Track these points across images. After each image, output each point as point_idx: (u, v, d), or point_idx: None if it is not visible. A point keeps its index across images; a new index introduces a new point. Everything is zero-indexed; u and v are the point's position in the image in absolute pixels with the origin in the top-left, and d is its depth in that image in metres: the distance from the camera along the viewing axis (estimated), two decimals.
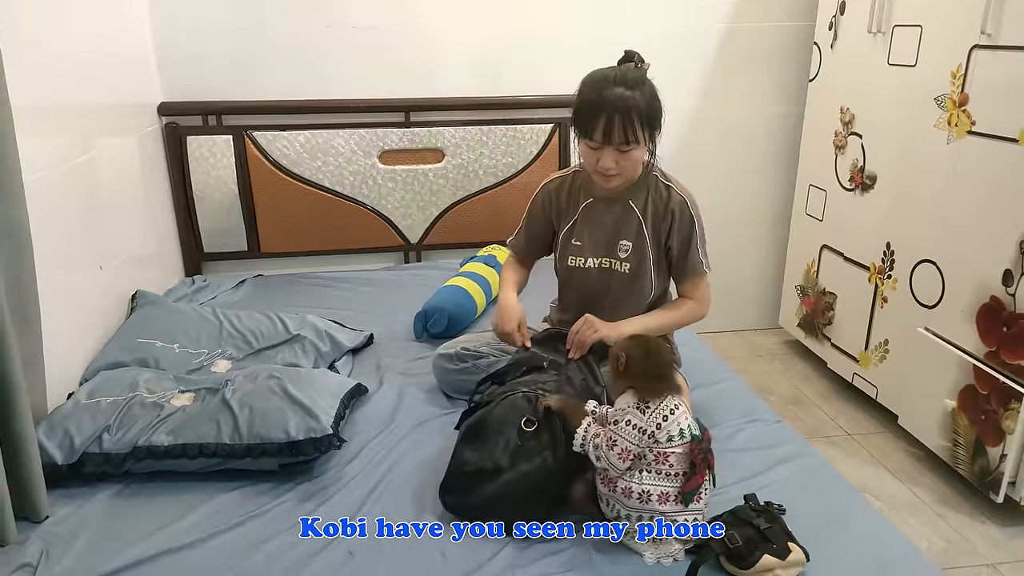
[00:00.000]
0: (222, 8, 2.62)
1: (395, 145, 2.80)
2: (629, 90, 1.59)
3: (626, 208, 1.77)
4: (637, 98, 1.59)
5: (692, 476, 1.32)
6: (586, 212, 1.80)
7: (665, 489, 1.32)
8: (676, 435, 1.33)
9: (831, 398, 2.81)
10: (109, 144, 2.22)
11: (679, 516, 1.33)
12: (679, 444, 1.33)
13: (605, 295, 1.82)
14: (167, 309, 2.22)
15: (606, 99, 1.59)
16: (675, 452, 1.33)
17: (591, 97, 1.62)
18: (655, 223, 1.76)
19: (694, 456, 1.33)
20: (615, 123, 1.59)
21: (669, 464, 1.33)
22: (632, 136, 1.60)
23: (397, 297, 2.60)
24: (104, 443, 1.56)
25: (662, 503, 1.32)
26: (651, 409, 1.34)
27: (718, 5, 2.94)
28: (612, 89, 1.59)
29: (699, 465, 1.32)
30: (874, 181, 2.55)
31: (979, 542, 2.03)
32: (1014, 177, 1.96)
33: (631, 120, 1.59)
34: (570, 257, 1.82)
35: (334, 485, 1.58)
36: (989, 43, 2.03)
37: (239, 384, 1.73)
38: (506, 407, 1.48)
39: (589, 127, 1.62)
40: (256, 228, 2.82)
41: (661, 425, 1.33)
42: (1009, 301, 2.00)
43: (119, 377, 1.77)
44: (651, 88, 1.64)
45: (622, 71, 1.63)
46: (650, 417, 1.33)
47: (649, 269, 1.78)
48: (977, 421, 2.11)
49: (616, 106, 1.58)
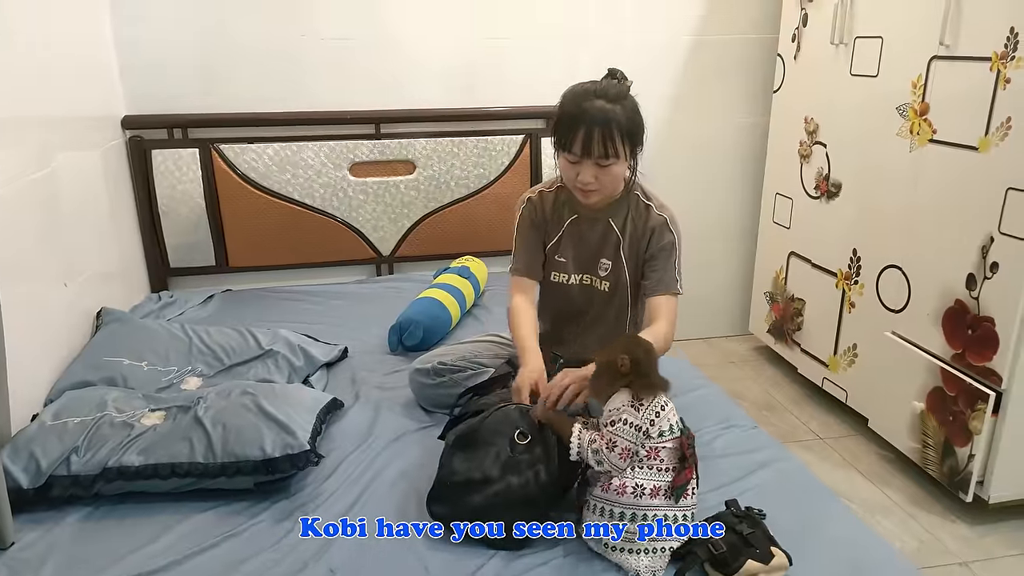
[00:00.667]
0: (187, 18, 2.59)
1: (366, 157, 2.79)
2: (610, 103, 1.58)
3: (607, 226, 1.76)
4: (618, 112, 1.58)
5: (682, 470, 1.35)
6: (571, 229, 1.79)
7: (657, 483, 1.34)
8: (667, 430, 1.36)
9: (802, 403, 2.85)
10: (71, 158, 2.16)
11: (675, 513, 1.34)
12: (670, 439, 1.36)
13: (585, 311, 1.82)
14: (134, 326, 2.17)
15: (586, 111, 1.57)
16: (666, 447, 1.35)
17: (571, 109, 1.60)
18: (632, 242, 1.75)
19: (684, 449, 1.35)
20: (595, 136, 1.57)
21: (660, 459, 1.35)
22: (612, 150, 1.59)
23: (370, 310, 2.57)
24: (72, 465, 1.51)
25: (654, 496, 1.33)
26: (645, 406, 1.36)
27: (684, 18, 2.99)
28: (592, 101, 1.58)
29: (689, 459, 1.35)
30: (839, 189, 2.60)
31: (950, 541, 2.07)
32: (975, 184, 2.02)
33: (611, 133, 1.57)
34: (553, 273, 1.81)
35: (312, 502, 1.55)
36: (948, 54, 2.09)
37: (212, 401, 1.69)
38: (499, 418, 1.47)
39: (568, 140, 1.60)
40: (224, 242, 2.77)
41: (654, 421, 1.35)
42: (973, 304, 2.05)
43: (86, 397, 1.72)
44: (632, 103, 1.63)
45: (603, 85, 1.62)
46: (644, 414, 1.35)
47: (625, 287, 1.77)
48: (945, 422, 2.16)
49: (596, 119, 1.57)
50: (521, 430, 1.46)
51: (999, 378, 1.99)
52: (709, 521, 1.38)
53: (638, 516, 1.33)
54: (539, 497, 1.41)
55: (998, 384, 2.00)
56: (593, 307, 1.81)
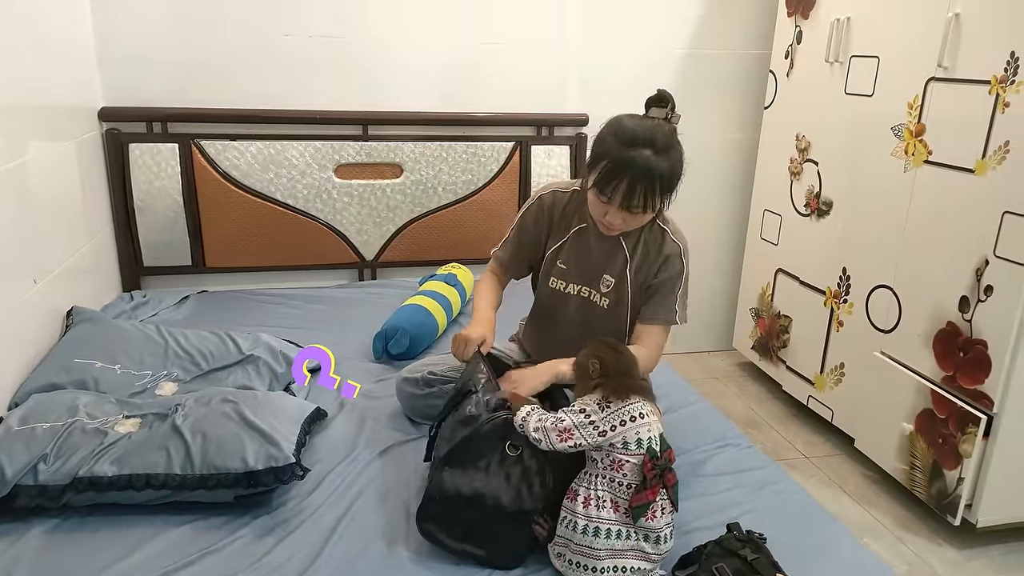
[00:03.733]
0: (171, 8, 2.50)
1: (352, 159, 2.72)
2: (657, 155, 1.47)
3: (615, 243, 1.69)
4: (664, 167, 1.48)
5: (642, 490, 1.29)
6: (576, 236, 1.73)
7: (615, 498, 1.31)
8: (632, 443, 1.31)
9: (786, 421, 2.84)
10: (43, 149, 2.07)
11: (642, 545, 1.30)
12: (633, 454, 1.31)
13: (581, 326, 1.75)
14: (106, 327, 2.07)
15: (632, 163, 1.47)
16: (629, 461, 1.31)
17: (616, 155, 1.49)
18: (642, 265, 1.69)
19: (646, 470, 1.30)
20: (636, 191, 1.48)
21: (623, 473, 1.31)
22: (650, 205, 1.51)
23: (352, 316, 2.50)
24: (40, 474, 1.42)
25: (615, 511, 1.30)
26: (611, 409, 1.33)
27: (677, 31, 2.97)
28: (640, 152, 1.47)
29: (650, 480, 1.29)
30: (830, 207, 2.59)
31: (938, 565, 2.05)
32: (971, 206, 2.02)
33: (652, 190, 1.48)
34: (552, 279, 1.76)
35: (296, 518, 1.48)
36: (946, 76, 2.09)
37: (190, 408, 1.61)
38: (487, 432, 1.42)
39: (608, 188, 1.50)
40: (201, 241, 2.68)
41: (616, 427, 1.31)
42: (966, 327, 2.05)
43: (56, 400, 1.63)
44: (679, 152, 1.53)
45: (654, 129, 1.50)
46: (607, 416, 1.32)
47: (626, 308, 1.72)
48: (935, 444, 2.15)
49: (641, 174, 1.47)
50: (511, 442, 1.42)
51: (990, 401, 1.98)
52: (707, 549, 1.34)
53: (590, 530, 1.28)
54: (532, 510, 1.37)
55: (989, 407, 1.99)
56: (590, 324, 1.74)
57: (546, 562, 1.37)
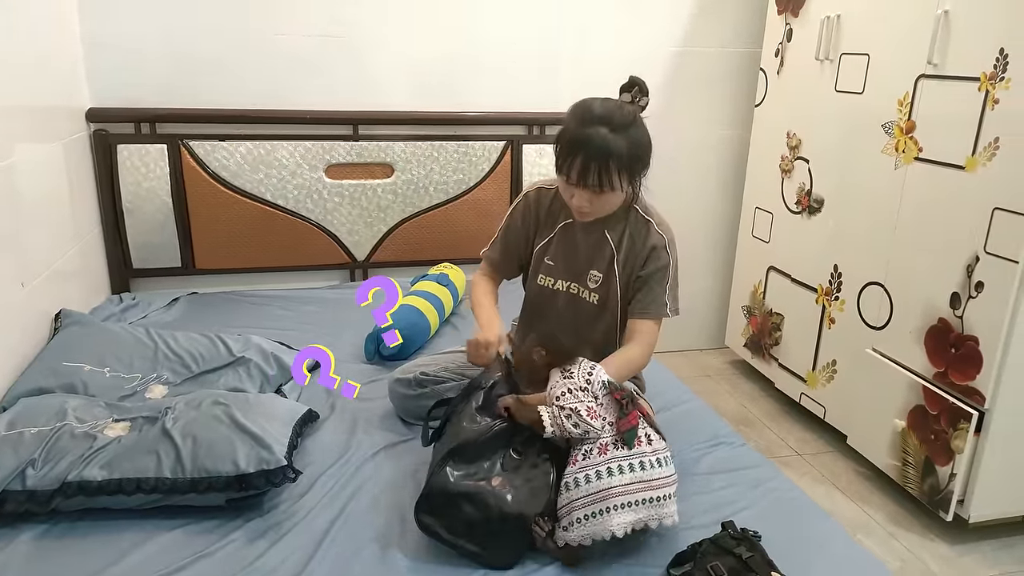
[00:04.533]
0: (159, 7, 2.48)
1: (342, 159, 2.70)
2: (613, 132, 1.49)
3: (601, 237, 1.69)
4: (620, 143, 1.49)
5: (624, 417, 1.39)
6: (563, 232, 1.73)
7: (603, 440, 1.38)
8: (600, 389, 1.42)
9: (779, 418, 2.84)
10: (30, 151, 2.04)
11: (641, 459, 1.37)
12: (604, 396, 1.42)
13: (570, 323, 1.74)
14: (95, 329, 2.05)
15: (587, 139, 1.49)
16: (602, 404, 1.41)
17: (572, 132, 1.51)
18: (628, 257, 1.69)
19: (615, 395, 1.41)
20: (591, 167, 1.49)
21: (601, 416, 1.39)
22: (607, 182, 1.52)
23: (343, 317, 2.49)
24: (28, 479, 1.40)
25: (603, 452, 1.37)
26: (574, 371, 1.45)
27: (668, 29, 2.97)
28: (595, 128, 1.49)
29: (626, 406, 1.40)
30: (821, 204, 2.60)
31: (931, 560, 2.06)
32: (961, 203, 2.02)
33: (607, 166, 1.49)
34: (541, 275, 1.75)
35: (288, 520, 1.46)
36: (935, 73, 2.10)
37: (181, 412, 1.60)
38: (493, 436, 1.41)
39: (566, 165, 1.53)
40: (191, 243, 2.66)
41: (590, 379, 1.42)
42: (957, 323, 2.05)
43: (44, 404, 1.61)
44: (639, 131, 1.53)
45: (612, 108, 1.51)
46: (578, 375, 1.44)
47: (616, 303, 1.71)
48: (927, 440, 2.15)
49: (595, 149, 1.48)
50: (515, 447, 1.43)
51: (982, 397, 1.99)
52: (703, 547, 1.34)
53: (592, 476, 1.34)
54: (531, 513, 1.36)
55: (981, 403, 2.00)
56: (577, 319, 1.74)
57: (542, 563, 1.36)
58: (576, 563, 1.36)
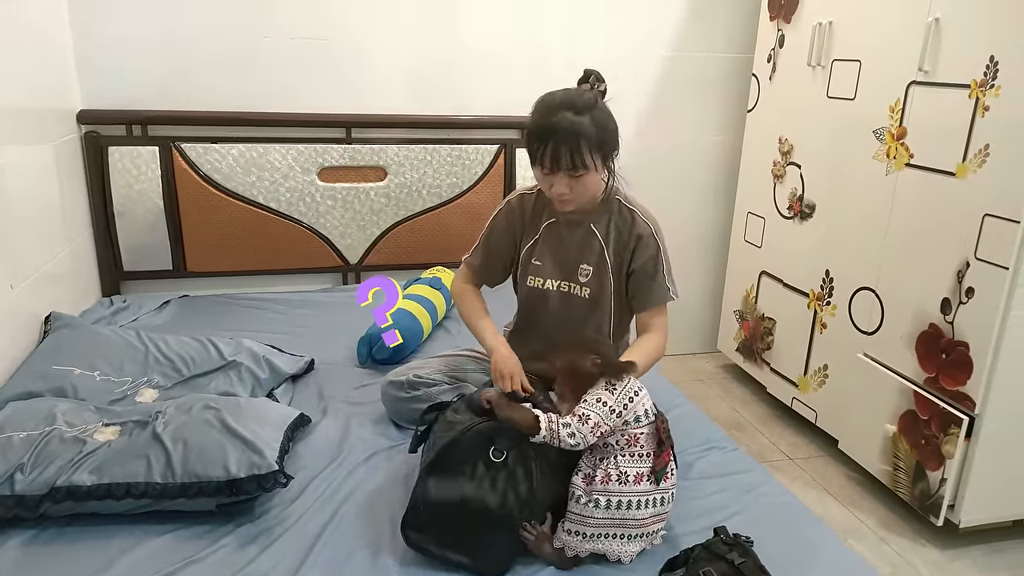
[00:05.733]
0: (150, 9, 2.47)
1: (335, 162, 2.70)
2: (578, 115, 1.54)
3: (588, 231, 1.72)
4: (586, 124, 1.55)
5: (660, 454, 1.38)
6: (548, 232, 1.75)
7: (640, 469, 1.37)
8: (642, 415, 1.39)
9: (770, 422, 2.85)
10: (20, 153, 2.03)
11: (656, 496, 1.37)
12: (646, 424, 1.39)
13: (564, 321, 1.76)
14: (85, 332, 2.04)
15: (554, 125, 1.54)
16: (643, 432, 1.39)
17: (539, 122, 1.57)
18: (617, 249, 1.72)
19: (660, 433, 1.39)
20: (562, 150, 1.54)
21: (640, 445, 1.38)
22: (580, 162, 1.56)
23: (336, 320, 2.48)
24: (16, 484, 1.39)
25: (638, 483, 1.36)
26: (618, 389, 1.39)
27: (660, 33, 2.98)
28: (560, 114, 1.55)
29: (665, 441, 1.39)
30: (813, 210, 2.61)
31: (921, 565, 2.07)
32: (951, 209, 2.03)
33: (579, 147, 1.54)
34: (530, 277, 1.76)
35: (279, 526, 1.46)
36: (926, 80, 2.11)
37: (171, 416, 1.59)
38: (471, 437, 1.40)
39: (538, 153, 1.58)
40: (182, 245, 2.65)
41: (627, 406, 1.37)
42: (947, 328, 2.06)
43: (33, 408, 1.60)
44: (602, 113, 1.59)
45: (572, 94, 1.58)
46: (618, 397, 1.38)
47: (609, 295, 1.73)
48: (917, 445, 2.16)
49: (564, 132, 1.54)
50: (496, 447, 1.41)
51: (972, 403, 2.00)
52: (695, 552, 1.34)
53: (623, 504, 1.34)
54: (519, 516, 1.36)
55: (971, 409, 2.01)
56: (571, 316, 1.76)
57: (534, 569, 1.36)
58: (570, 567, 1.36)
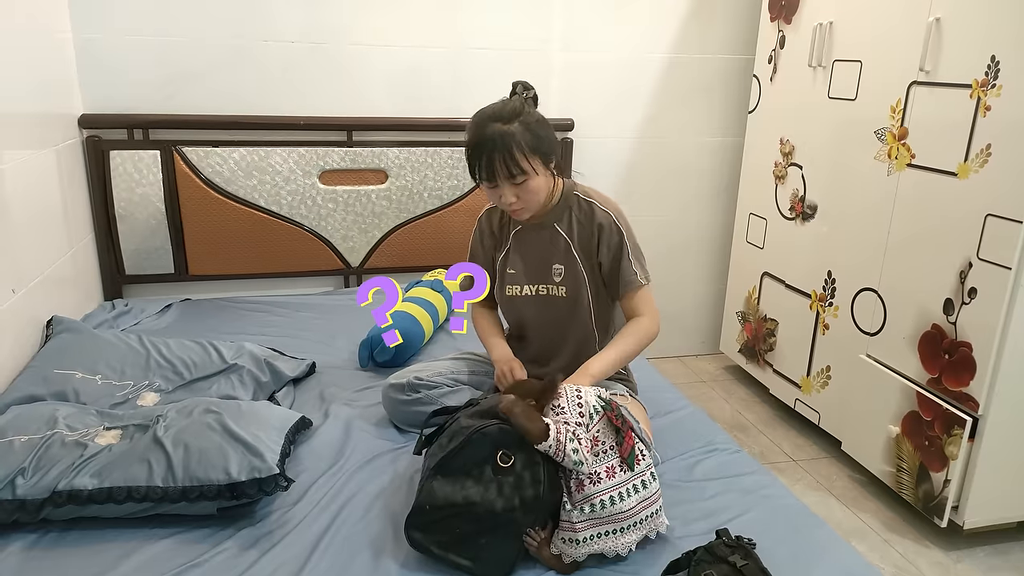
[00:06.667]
0: (150, 13, 2.47)
1: (336, 165, 2.70)
2: (505, 124, 1.58)
3: (552, 232, 1.75)
4: (514, 130, 1.58)
5: (622, 441, 1.39)
6: (517, 240, 1.79)
7: (609, 463, 1.38)
8: (594, 412, 1.40)
9: (773, 424, 2.84)
10: (22, 157, 2.04)
11: (638, 480, 1.38)
12: (597, 420, 1.40)
13: (550, 322, 1.80)
14: (87, 336, 2.04)
15: (484, 138, 1.58)
16: (599, 429, 1.39)
17: (472, 138, 1.62)
18: (582, 242, 1.74)
19: (614, 421, 1.39)
20: (496, 160, 1.58)
21: (600, 443, 1.38)
22: (517, 169, 1.59)
23: (338, 323, 2.48)
24: (17, 488, 1.39)
25: (611, 476, 1.37)
26: (563, 406, 1.40)
27: (660, 35, 2.98)
28: (489, 126, 1.59)
29: (621, 428, 1.39)
30: (815, 211, 2.60)
31: (925, 567, 2.06)
32: (953, 209, 2.03)
33: (511, 154, 1.57)
34: (507, 286, 1.80)
35: (280, 529, 1.45)
36: (927, 80, 2.11)
37: (172, 419, 1.59)
38: (479, 440, 1.40)
39: (476, 168, 1.62)
40: (184, 249, 2.65)
41: (582, 411, 1.39)
42: (950, 329, 2.06)
43: (34, 413, 1.60)
44: (531, 116, 1.62)
45: (498, 106, 1.62)
46: (570, 409, 1.40)
47: (585, 289, 1.75)
48: (921, 447, 2.15)
49: (495, 143, 1.57)
50: (504, 451, 1.40)
51: (976, 403, 1.99)
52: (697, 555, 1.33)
53: (605, 502, 1.35)
54: (524, 520, 1.36)
55: (975, 409, 2.00)
56: (553, 317, 1.78)
57: (535, 573, 1.35)
58: (571, 572, 1.36)
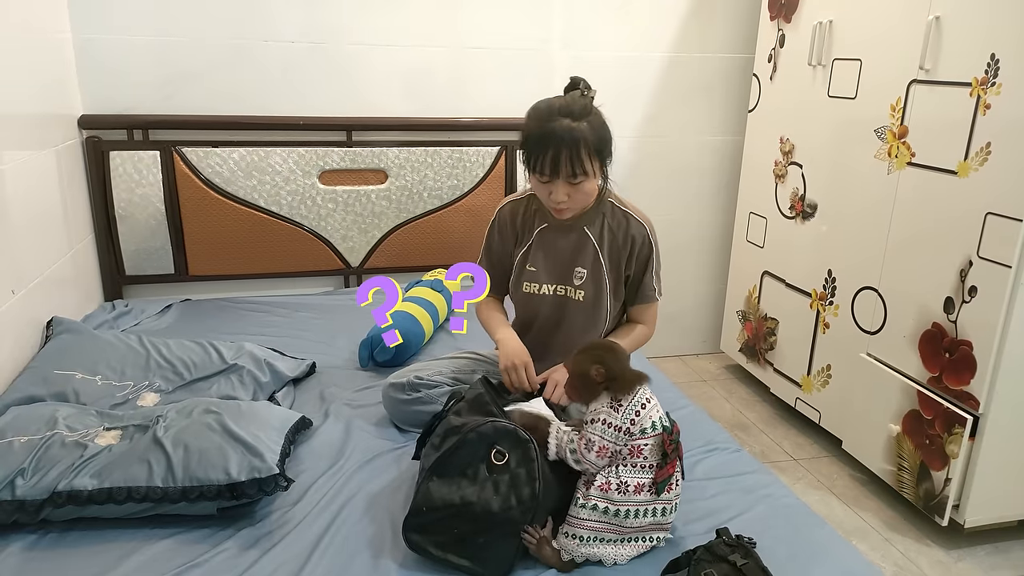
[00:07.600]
0: (150, 14, 2.47)
1: (336, 165, 2.70)
2: (575, 121, 1.56)
3: (581, 235, 1.73)
4: (584, 129, 1.56)
5: (664, 466, 1.36)
6: (541, 237, 1.77)
7: (641, 480, 1.36)
8: (648, 427, 1.36)
9: (774, 423, 2.84)
10: (22, 158, 2.04)
11: (657, 507, 1.37)
12: (651, 436, 1.36)
13: (560, 323, 1.79)
14: (87, 337, 2.04)
15: (552, 132, 1.55)
16: (647, 444, 1.36)
17: (537, 130, 1.58)
18: (612, 250, 1.73)
19: (666, 446, 1.36)
20: (562, 156, 1.55)
21: (643, 456, 1.36)
22: (580, 169, 1.57)
23: (338, 323, 2.48)
24: (17, 488, 1.39)
25: (638, 492, 1.35)
26: (624, 406, 1.36)
27: (660, 35, 2.97)
28: (558, 121, 1.55)
29: (670, 455, 1.36)
30: (815, 209, 2.60)
31: (926, 565, 2.06)
32: (954, 208, 2.03)
33: (578, 153, 1.55)
34: (525, 283, 1.78)
35: (280, 529, 1.45)
36: (927, 78, 2.10)
37: (172, 420, 1.59)
38: (474, 439, 1.40)
39: (537, 161, 1.59)
40: (184, 250, 2.65)
41: (635, 420, 1.35)
42: (951, 328, 2.05)
43: (34, 413, 1.60)
44: (598, 117, 1.61)
45: (567, 101, 1.59)
46: (623, 414, 1.36)
47: (606, 296, 1.74)
48: (921, 445, 2.15)
49: (563, 139, 1.54)
50: (498, 449, 1.40)
51: (976, 402, 1.99)
52: (696, 554, 1.33)
53: (620, 512, 1.34)
54: (521, 518, 1.35)
55: (975, 408, 2.00)
56: (570, 320, 1.77)
57: (534, 572, 1.35)
58: (570, 571, 1.35)
